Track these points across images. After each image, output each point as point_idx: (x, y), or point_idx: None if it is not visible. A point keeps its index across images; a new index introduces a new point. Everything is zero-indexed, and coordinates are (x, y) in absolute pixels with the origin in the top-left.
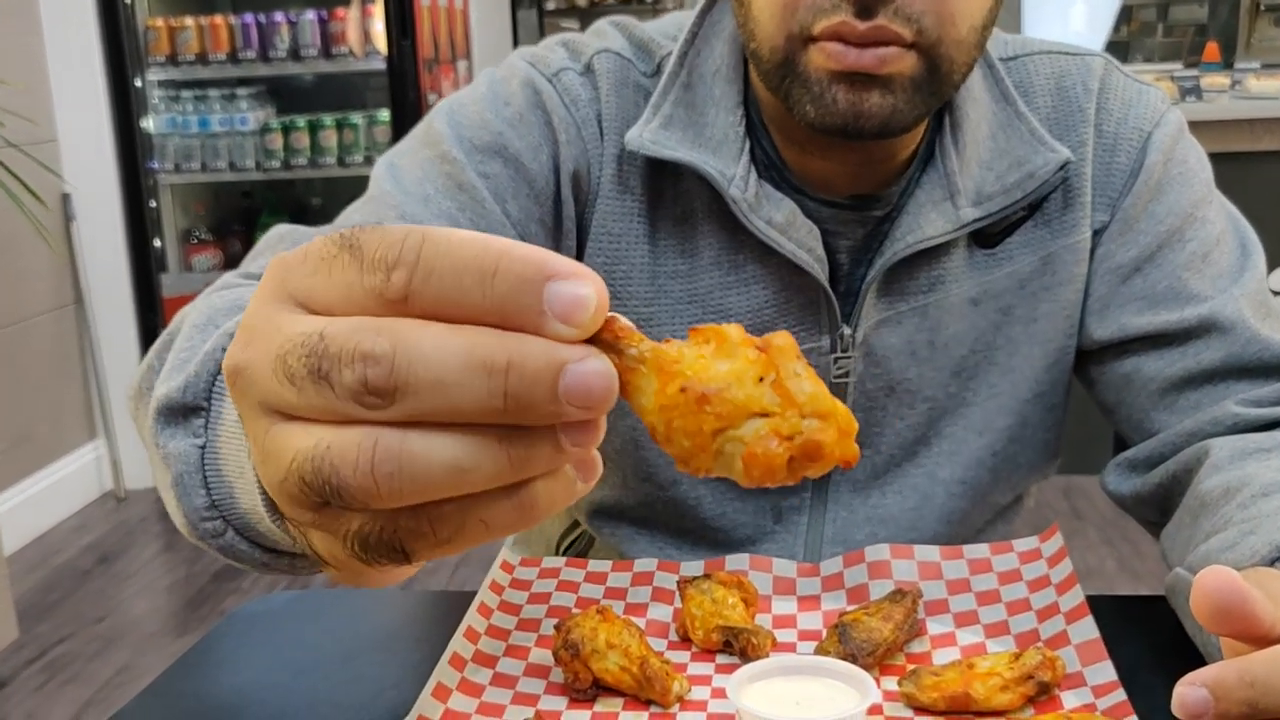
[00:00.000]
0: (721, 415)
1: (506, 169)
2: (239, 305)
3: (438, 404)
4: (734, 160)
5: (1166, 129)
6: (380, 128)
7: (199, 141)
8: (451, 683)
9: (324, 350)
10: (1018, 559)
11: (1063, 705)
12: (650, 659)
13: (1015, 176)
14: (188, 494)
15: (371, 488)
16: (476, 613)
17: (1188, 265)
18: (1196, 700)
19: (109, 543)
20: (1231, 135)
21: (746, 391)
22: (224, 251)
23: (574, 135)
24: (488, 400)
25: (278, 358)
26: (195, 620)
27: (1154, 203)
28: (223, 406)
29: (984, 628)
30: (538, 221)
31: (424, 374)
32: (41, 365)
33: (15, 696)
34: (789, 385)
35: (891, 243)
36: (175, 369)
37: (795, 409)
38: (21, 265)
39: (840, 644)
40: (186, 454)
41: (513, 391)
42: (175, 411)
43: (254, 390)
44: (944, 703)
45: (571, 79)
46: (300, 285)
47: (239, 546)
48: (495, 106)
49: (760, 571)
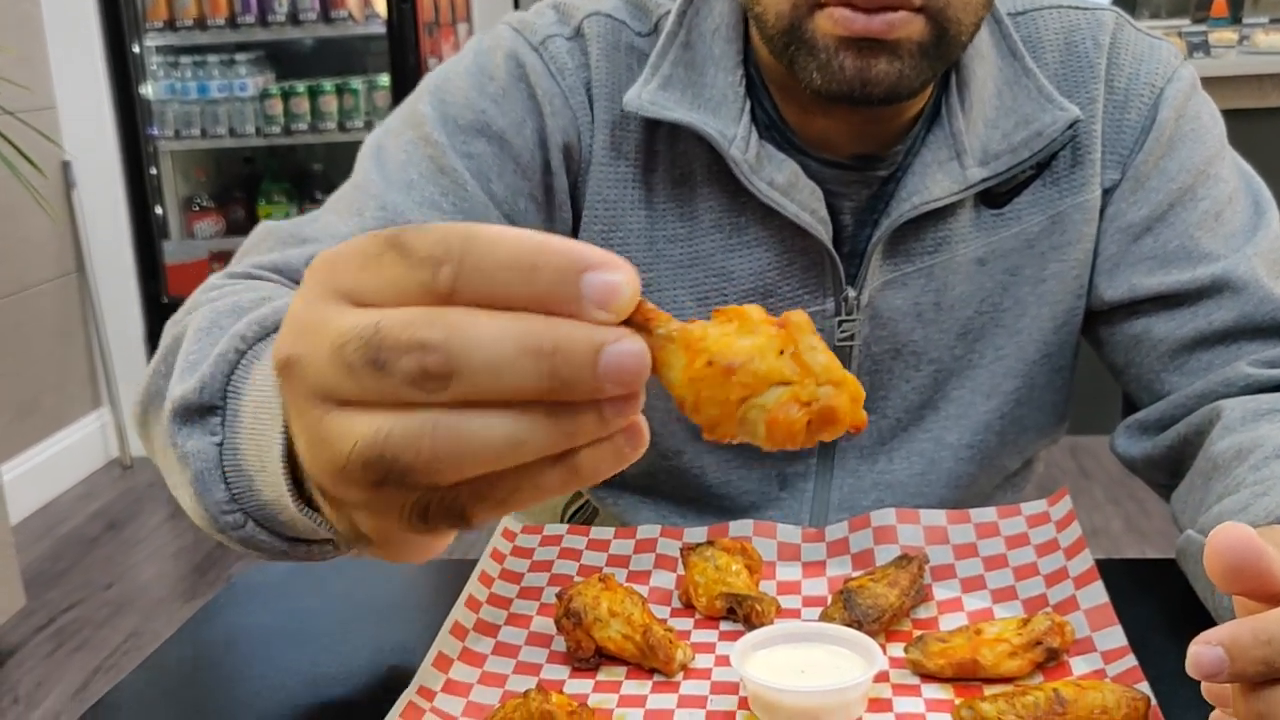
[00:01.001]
0: (746, 385)
1: (491, 147)
2: (240, 307)
3: (490, 386)
4: (734, 120)
5: (1179, 85)
6: (380, 92)
7: (198, 108)
8: (453, 652)
9: (380, 340)
10: (1025, 523)
11: (1072, 671)
12: (653, 627)
13: (1022, 135)
14: (208, 489)
15: (434, 467)
16: (478, 581)
17: (1200, 224)
18: (1212, 659)
19: (116, 510)
20: (1240, 91)
21: (768, 364)
22: (225, 218)
23: (560, 106)
24: (536, 381)
25: (334, 349)
26: (203, 585)
27: (1165, 159)
28: (239, 405)
29: (991, 593)
30: (527, 197)
31: (478, 359)
32: (45, 334)
33: (25, 664)
34: (806, 357)
35: (897, 204)
36: (187, 371)
37: (812, 378)
38: (23, 234)
39: (845, 610)
40: (205, 451)
41: (558, 372)
42: (192, 411)
43: (307, 381)
44: (951, 669)
45: (559, 46)
46: (347, 281)
47: (259, 537)
48: (479, 82)
49: (764, 538)
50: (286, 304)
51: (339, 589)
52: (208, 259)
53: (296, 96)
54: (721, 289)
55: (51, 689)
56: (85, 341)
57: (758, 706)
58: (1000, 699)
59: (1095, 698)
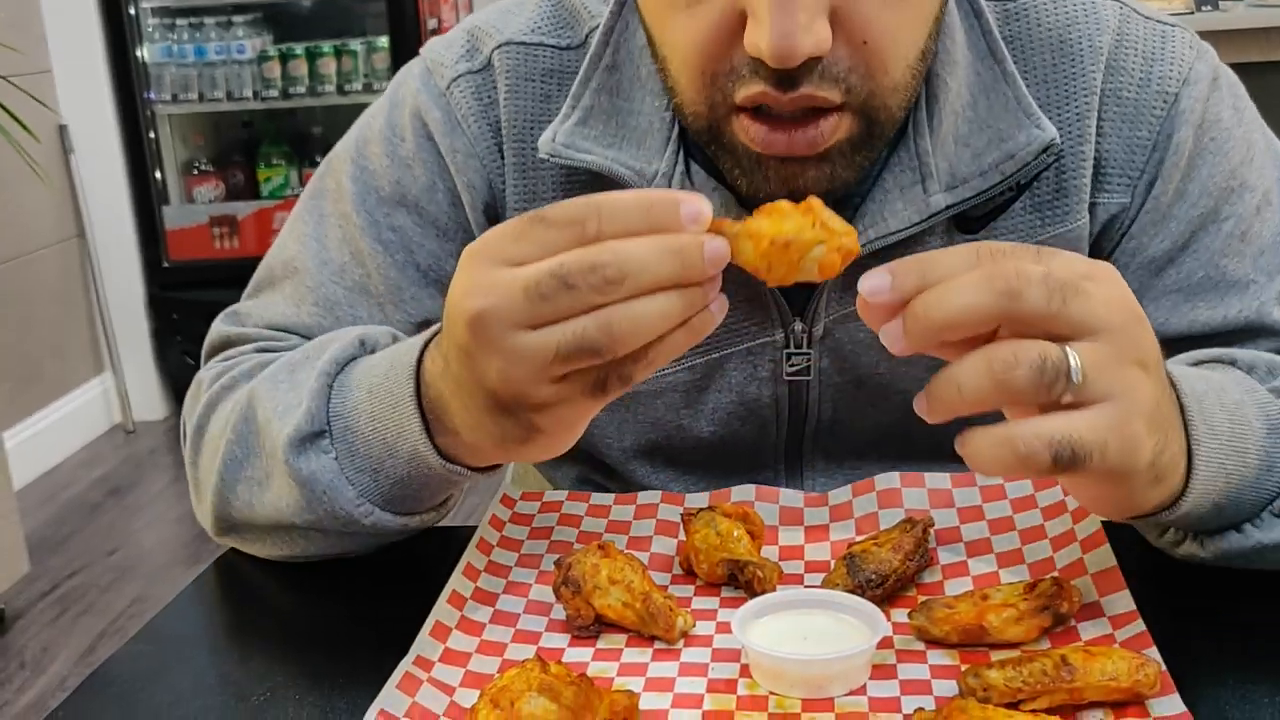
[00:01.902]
0: (800, 248)
1: (410, 217)
2: (293, 361)
3: (646, 279)
4: (659, 152)
5: (1196, 88)
6: (379, 54)
7: (196, 71)
8: (451, 621)
9: (567, 271)
10: (1032, 485)
11: (1080, 636)
12: (653, 595)
13: (993, 156)
14: (338, 493)
15: (618, 341)
16: (476, 549)
17: (1225, 250)
18: (878, 282)
19: (119, 476)
20: (1248, 44)
21: (808, 234)
22: (225, 183)
23: (465, 160)
24: (673, 270)
25: (527, 287)
26: (206, 552)
27: (1186, 181)
28: (347, 423)
29: (997, 556)
30: (454, 256)
31: (636, 263)
32: (46, 300)
33: (30, 629)
34: (830, 224)
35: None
36: (284, 414)
37: (834, 234)
38: (21, 200)
39: (849, 576)
40: (326, 465)
41: (686, 261)
42: (305, 440)
43: (503, 319)
44: (957, 635)
45: (464, 90)
46: (504, 252)
47: (384, 521)
48: (392, 145)
49: (766, 502)
50: (347, 344)
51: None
52: (208, 223)
53: (295, 59)
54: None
55: (57, 654)
56: (87, 308)
57: (760, 674)
58: (1007, 666)
59: (1104, 664)
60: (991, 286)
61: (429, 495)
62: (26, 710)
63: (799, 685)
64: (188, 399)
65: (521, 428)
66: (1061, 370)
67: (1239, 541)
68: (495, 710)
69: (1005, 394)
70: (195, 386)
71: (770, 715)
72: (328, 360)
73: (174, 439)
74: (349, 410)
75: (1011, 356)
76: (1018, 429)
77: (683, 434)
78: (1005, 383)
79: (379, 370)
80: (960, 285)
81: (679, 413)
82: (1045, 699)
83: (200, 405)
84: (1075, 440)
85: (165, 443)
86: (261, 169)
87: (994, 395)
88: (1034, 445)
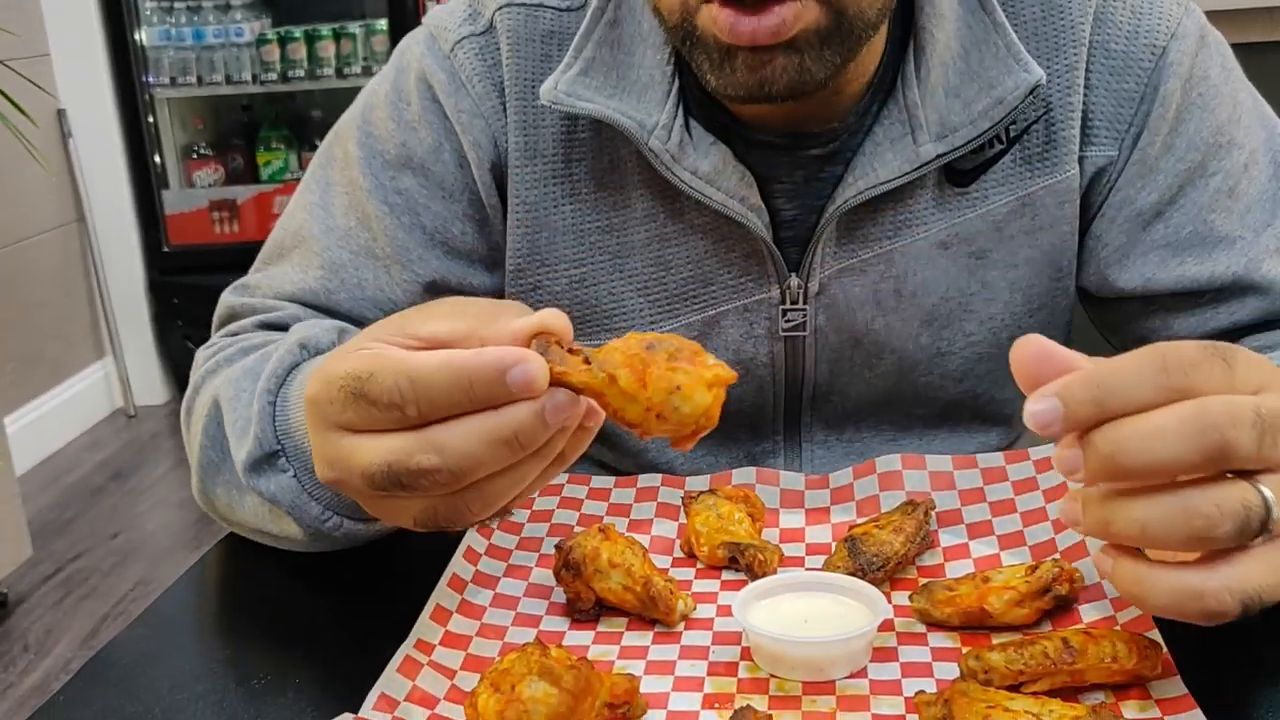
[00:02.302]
0: (646, 433)
1: (416, 179)
2: (250, 369)
3: (482, 471)
4: (659, 105)
5: (1184, 43)
6: (378, 37)
7: (194, 54)
8: (451, 605)
9: (395, 473)
10: (1034, 467)
11: (1081, 619)
12: (654, 578)
13: (983, 104)
14: (304, 511)
15: (474, 515)
16: (476, 532)
17: (1212, 205)
18: (1046, 409)
19: (121, 460)
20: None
21: (653, 425)
22: (224, 167)
23: (470, 119)
24: (511, 454)
25: (364, 478)
26: (208, 535)
27: (1174, 135)
28: (296, 441)
29: (998, 539)
30: (460, 218)
31: (469, 464)
32: (47, 284)
33: (34, 612)
34: (673, 419)
35: (844, 188)
36: (239, 435)
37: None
38: (21, 184)
39: (850, 558)
40: (286, 485)
41: (523, 442)
42: (259, 462)
43: (355, 489)
44: (958, 618)
45: (468, 51)
46: (339, 419)
47: (356, 529)
48: (398, 109)
49: (767, 485)
50: (285, 352)
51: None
52: (207, 207)
53: (293, 42)
54: (661, 279)
55: (61, 636)
56: (87, 292)
57: (761, 657)
58: (1008, 648)
59: (1105, 646)
60: (1203, 440)
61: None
62: (30, 693)
63: (800, 668)
64: (191, 373)
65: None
66: (1261, 519)
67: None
68: (496, 694)
69: (1199, 546)
70: (195, 361)
71: (771, 698)
72: (267, 377)
73: (175, 423)
74: (294, 428)
75: (1216, 512)
76: (1207, 584)
77: None
78: (1205, 539)
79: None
80: (1163, 434)
81: None
82: (1046, 681)
83: (190, 388)
84: (1265, 590)
85: (166, 427)
86: (261, 153)
87: (1184, 546)
88: (1226, 602)
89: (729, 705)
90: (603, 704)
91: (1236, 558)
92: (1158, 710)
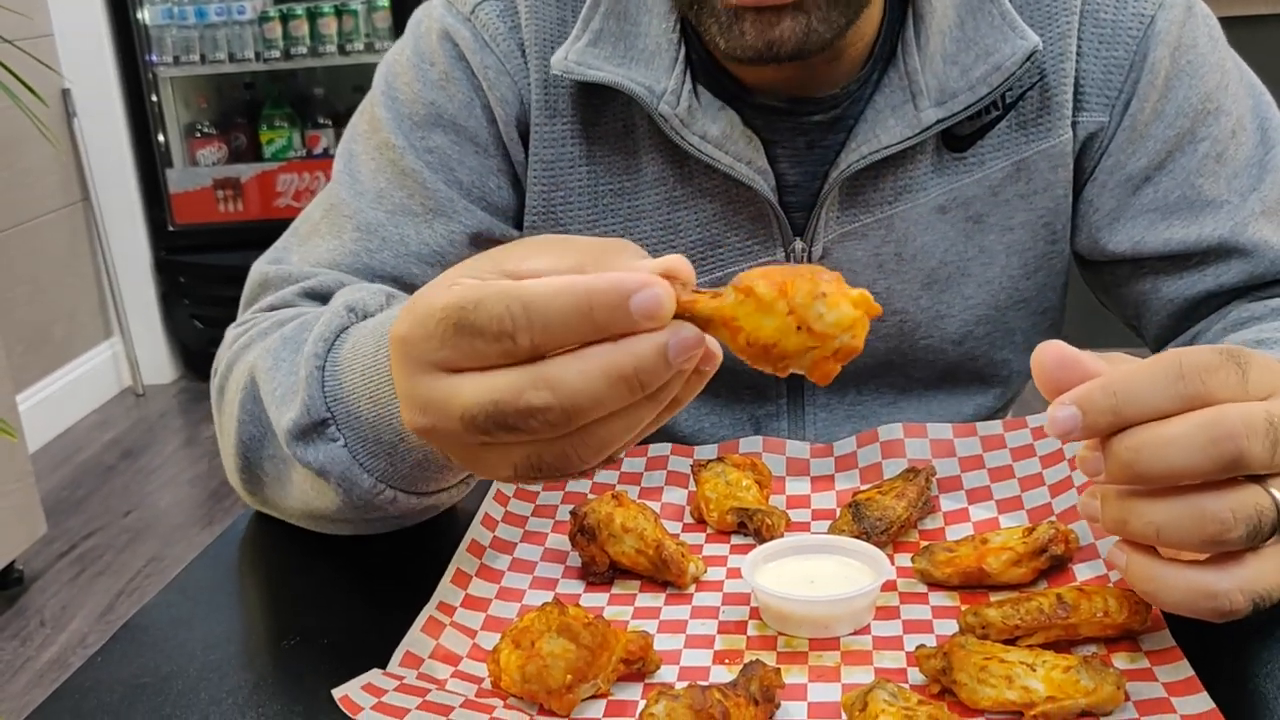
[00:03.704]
0: (783, 355)
1: (447, 136)
2: (289, 338)
3: (598, 413)
4: (667, 71)
5: (1171, 12)
6: (380, 13)
7: (197, 32)
8: (470, 569)
9: (501, 413)
10: (1031, 434)
11: (1075, 578)
12: (666, 542)
13: (981, 70)
14: (354, 483)
15: (583, 463)
16: (493, 500)
17: (1200, 169)
18: (1066, 417)
19: (131, 438)
20: None
21: (792, 341)
22: (228, 145)
23: (497, 76)
24: (631, 395)
25: (464, 421)
26: (220, 511)
27: (1163, 101)
28: (349, 408)
29: (997, 503)
30: (495, 173)
31: (584, 402)
32: (54, 264)
33: (50, 589)
34: (816, 326)
35: (847, 153)
36: (281, 405)
37: (828, 339)
38: (26, 164)
39: (854, 523)
40: (336, 455)
41: (645, 381)
42: (307, 431)
43: (450, 439)
44: (958, 578)
45: (488, 11)
46: (434, 358)
47: (409, 503)
48: (422, 71)
49: (774, 453)
50: (332, 316)
51: None
52: (211, 186)
53: (295, 19)
54: (670, 241)
55: (76, 612)
56: (94, 272)
57: (769, 616)
58: (1005, 604)
59: (1098, 602)
60: (1218, 450)
61: (450, 474)
62: (49, 665)
63: (806, 625)
64: (218, 352)
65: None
66: (1272, 523)
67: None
68: (517, 650)
69: (1213, 549)
70: (225, 337)
71: (779, 654)
72: (313, 342)
73: (183, 402)
74: (346, 394)
75: (1230, 516)
76: (1220, 584)
77: None
78: (1218, 542)
79: (367, 349)
80: (1180, 443)
81: None
82: (1041, 635)
83: (221, 364)
84: (1275, 589)
85: (175, 406)
86: (264, 131)
87: (1198, 548)
88: (1238, 601)
89: (738, 661)
90: (618, 659)
91: (1248, 559)
92: (1147, 661)
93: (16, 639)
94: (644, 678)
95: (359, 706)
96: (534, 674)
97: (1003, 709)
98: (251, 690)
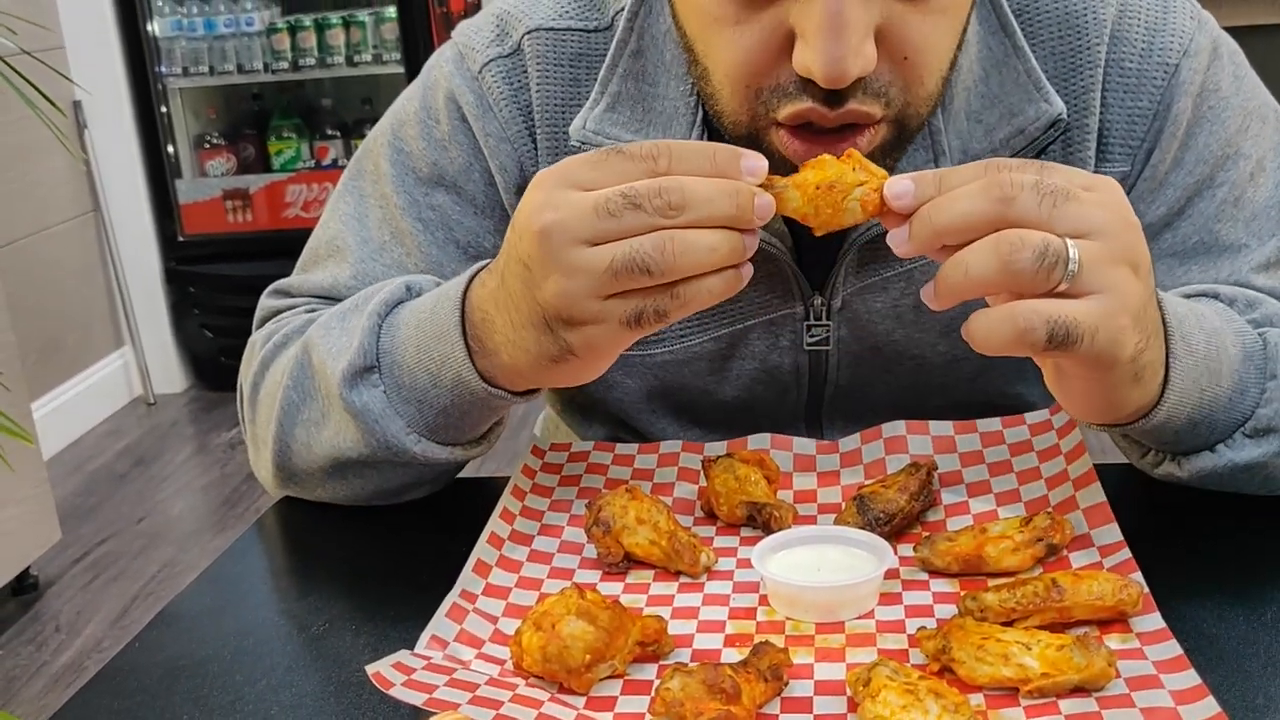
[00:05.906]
0: (843, 189)
1: (449, 196)
2: (345, 310)
3: (703, 212)
4: (685, 134)
5: (1196, 60)
6: (388, 24)
7: (206, 44)
8: (491, 559)
9: (636, 194)
10: (1028, 431)
11: (1071, 565)
12: (678, 533)
13: (1004, 132)
14: (387, 423)
15: (667, 264)
16: (511, 495)
17: (1218, 215)
18: (901, 187)
19: (143, 447)
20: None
21: (850, 177)
22: (237, 156)
23: (497, 143)
24: (727, 210)
25: (597, 204)
26: (232, 518)
27: (1183, 150)
28: (393, 359)
29: (995, 496)
30: (493, 233)
31: (699, 196)
32: (66, 274)
33: (65, 594)
34: (868, 166)
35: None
36: (336, 356)
37: (874, 175)
38: (38, 175)
39: (859, 515)
40: (376, 399)
41: (739, 205)
42: (357, 374)
43: (569, 233)
44: (958, 565)
45: (496, 73)
46: (581, 177)
47: (432, 452)
48: (428, 128)
49: (781, 450)
50: (395, 288)
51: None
52: (221, 197)
53: (303, 31)
54: None
55: (91, 617)
56: (105, 282)
57: (777, 601)
58: (1002, 589)
59: (1091, 586)
60: (987, 195)
61: (471, 424)
62: (64, 670)
63: (813, 610)
64: (242, 363)
65: (558, 347)
66: (1061, 257)
67: (1212, 461)
68: (538, 632)
69: (1008, 276)
70: (249, 350)
71: (787, 638)
72: (378, 303)
73: (193, 411)
74: (396, 345)
75: (1018, 240)
76: (1019, 306)
77: (708, 398)
78: (1010, 264)
79: (425, 307)
80: (960, 193)
81: (704, 379)
82: (1037, 618)
83: (255, 365)
84: (1069, 321)
85: (185, 414)
86: (272, 142)
87: (998, 278)
88: (1033, 320)
89: (748, 644)
90: (634, 642)
91: (1050, 297)
92: (1137, 641)
93: (32, 644)
94: (658, 659)
95: (390, 682)
96: (554, 654)
97: (999, 685)
98: (285, 671)
